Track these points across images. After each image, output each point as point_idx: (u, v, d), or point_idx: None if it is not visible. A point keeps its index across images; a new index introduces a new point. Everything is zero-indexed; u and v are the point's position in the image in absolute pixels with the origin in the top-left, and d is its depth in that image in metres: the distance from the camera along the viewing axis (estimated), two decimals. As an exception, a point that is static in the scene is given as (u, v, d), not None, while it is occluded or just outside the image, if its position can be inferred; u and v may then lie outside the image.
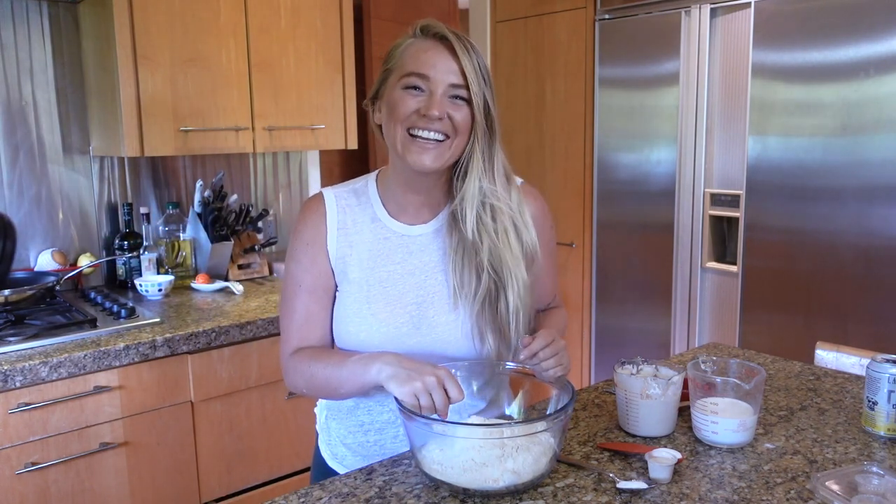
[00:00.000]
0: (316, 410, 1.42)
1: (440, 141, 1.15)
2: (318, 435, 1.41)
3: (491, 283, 1.19)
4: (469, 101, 1.15)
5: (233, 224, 2.61)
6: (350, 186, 1.29)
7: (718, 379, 1.19)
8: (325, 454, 1.37)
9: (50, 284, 2.11)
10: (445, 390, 1.04)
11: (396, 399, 1.07)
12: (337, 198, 1.26)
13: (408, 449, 1.26)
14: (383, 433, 1.27)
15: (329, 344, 1.27)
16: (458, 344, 1.22)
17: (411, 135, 1.15)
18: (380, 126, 1.24)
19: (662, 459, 1.08)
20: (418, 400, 1.03)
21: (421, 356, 1.18)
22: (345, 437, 1.31)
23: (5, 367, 1.70)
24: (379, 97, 1.22)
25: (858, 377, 1.50)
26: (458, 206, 1.20)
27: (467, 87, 1.14)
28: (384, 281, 1.23)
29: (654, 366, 1.27)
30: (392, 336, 1.21)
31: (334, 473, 1.32)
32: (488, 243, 1.19)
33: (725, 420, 1.17)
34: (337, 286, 1.26)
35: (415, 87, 1.15)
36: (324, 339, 1.26)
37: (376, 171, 1.31)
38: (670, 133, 2.76)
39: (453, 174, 1.22)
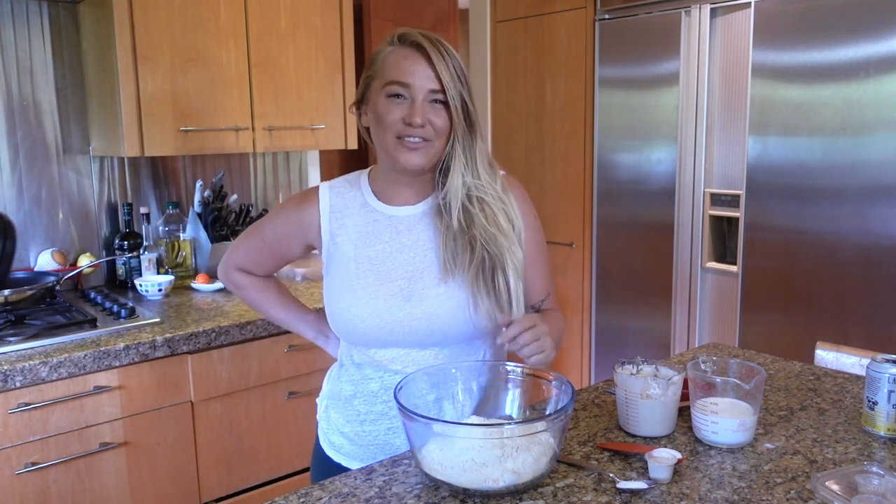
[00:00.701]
0: (317, 400, 1.46)
1: (426, 141, 1.23)
2: (317, 425, 1.45)
3: (485, 256, 1.25)
4: (447, 104, 1.23)
5: (233, 224, 2.61)
6: (345, 178, 1.40)
7: (718, 379, 1.19)
8: (323, 444, 1.41)
9: (50, 284, 2.11)
10: None
11: (397, 399, 1.08)
12: (331, 187, 1.37)
13: (401, 440, 1.27)
14: (378, 424, 1.31)
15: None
16: (447, 316, 1.25)
17: (398, 138, 1.23)
18: (367, 128, 1.32)
19: (662, 459, 1.08)
20: None
21: (411, 327, 1.25)
22: (342, 427, 1.36)
23: (5, 367, 1.70)
24: (364, 102, 1.30)
25: (858, 377, 1.50)
26: (443, 201, 1.27)
27: (444, 91, 1.22)
28: (373, 259, 1.29)
29: (654, 366, 1.27)
30: (382, 308, 1.25)
31: (333, 463, 1.37)
32: (480, 231, 1.25)
33: (725, 420, 1.17)
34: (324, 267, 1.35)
35: (397, 95, 1.22)
36: (266, 274, 1.51)
37: (369, 168, 1.39)
38: (670, 133, 2.76)
39: (437, 168, 1.29)
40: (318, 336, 1.50)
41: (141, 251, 2.43)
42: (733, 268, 2.65)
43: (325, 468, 1.36)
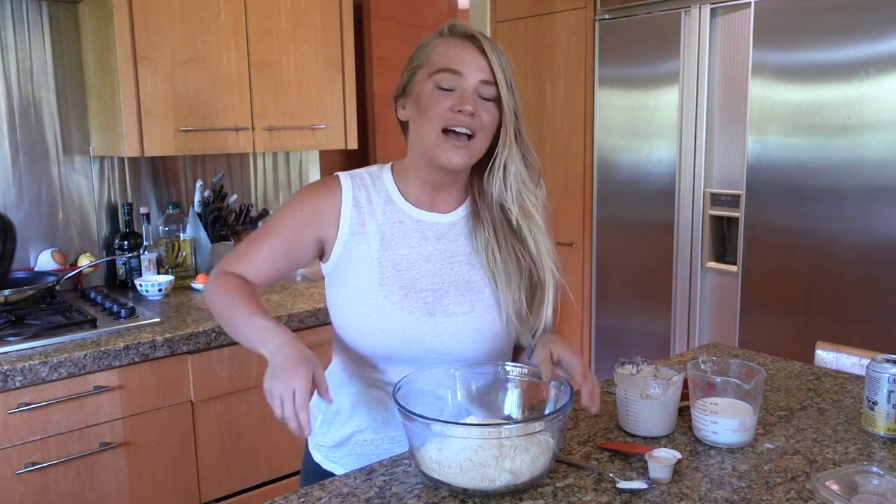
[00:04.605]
0: None
1: (469, 138, 1.17)
2: (307, 440, 1.39)
3: (530, 269, 1.21)
4: (496, 101, 1.18)
5: (233, 224, 2.62)
6: (364, 170, 1.31)
7: (718, 379, 1.19)
8: (317, 458, 1.35)
9: (50, 284, 2.11)
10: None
11: (396, 399, 1.07)
12: (352, 177, 1.27)
13: (404, 450, 1.25)
14: (381, 433, 1.27)
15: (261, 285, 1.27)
16: (472, 335, 1.22)
17: (444, 132, 1.16)
18: (402, 122, 1.26)
19: (662, 459, 1.08)
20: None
21: (432, 345, 1.20)
22: (343, 437, 1.30)
23: (5, 367, 1.70)
24: (406, 94, 1.24)
25: (858, 377, 1.50)
26: (495, 199, 1.23)
27: (496, 84, 1.17)
28: (398, 264, 1.22)
29: (654, 366, 1.27)
30: (405, 320, 1.20)
31: (330, 475, 1.30)
32: (532, 236, 1.22)
33: (725, 420, 1.17)
34: (323, 261, 1.26)
35: (446, 87, 1.17)
36: (260, 282, 1.26)
37: (390, 163, 1.32)
38: (670, 133, 2.75)
39: (490, 177, 1.24)
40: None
41: (141, 251, 2.43)
42: (733, 268, 2.65)
43: (318, 479, 1.27)
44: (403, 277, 1.21)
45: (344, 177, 1.27)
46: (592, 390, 1.12)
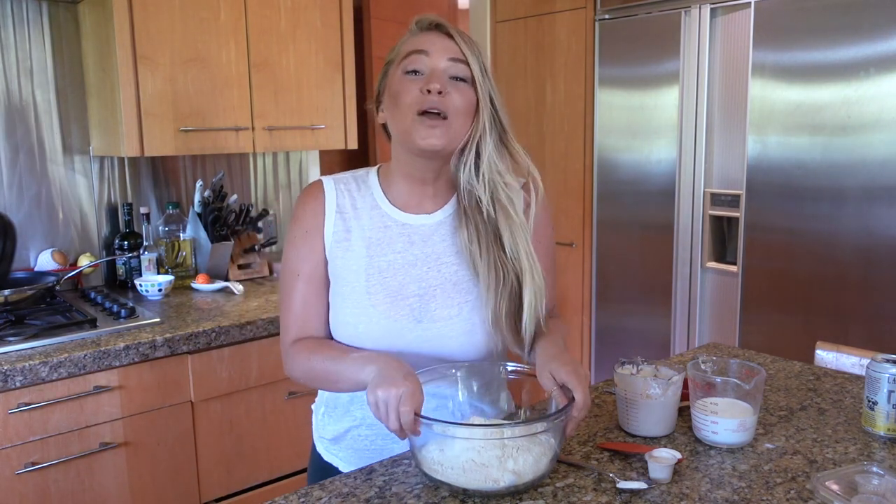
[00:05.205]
0: (313, 406, 1.42)
1: (444, 119, 1.14)
2: (313, 432, 1.40)
3: (513, 275, 1.18)
4: (469, 82, 1.16)
5: (233, 224, 2.62)
6: (350, 174, 1.29)
7: (718, 379, 1.19)
8: (320, 449, 1.37)
9: (50, 284, 2.11)
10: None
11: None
12: (336, 182, 1.26)
13: (398, 445, 1.24)
14: (376, 428, 1.26)
15: (328, 334, 1.27)
16: (460, 339, 1.21)
17: (419, 115, 1.14)
18: (383, 125, 1.25)
19: (662, 459, 1.08)
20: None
21: (420, 350, 1.19)
22: (340, 432, 1.31)
23: (5, 367, 1.70)
24: (382, 93, 1.23)
25: (858, 377, 1.50)
26: (467, 191, 1.19)
27: (467, 64, 1.16)
28: (384, 271, 1.21)
29: (654, 366, 1.27)
30: (392, 329, 1.19)
31: (331, 467, 1.32)
32: (510, 236, 1.19)
33: (725, 420, 1.17)
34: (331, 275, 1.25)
35: (415, 72, 1.16)
36: (322, 328, 1.26)
37: (377, 165, 1.31)
38: (670, 133, 2.75)
39: (460, 162, 1.20)
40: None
41: (141, 251, 2.43)
42: (733, 268, 2.65)
43: (323, 473, 1.31)
44: (389, 285, 1.20)
45: (327, 181, 1.26)
46: (578, 422, 1.08)
